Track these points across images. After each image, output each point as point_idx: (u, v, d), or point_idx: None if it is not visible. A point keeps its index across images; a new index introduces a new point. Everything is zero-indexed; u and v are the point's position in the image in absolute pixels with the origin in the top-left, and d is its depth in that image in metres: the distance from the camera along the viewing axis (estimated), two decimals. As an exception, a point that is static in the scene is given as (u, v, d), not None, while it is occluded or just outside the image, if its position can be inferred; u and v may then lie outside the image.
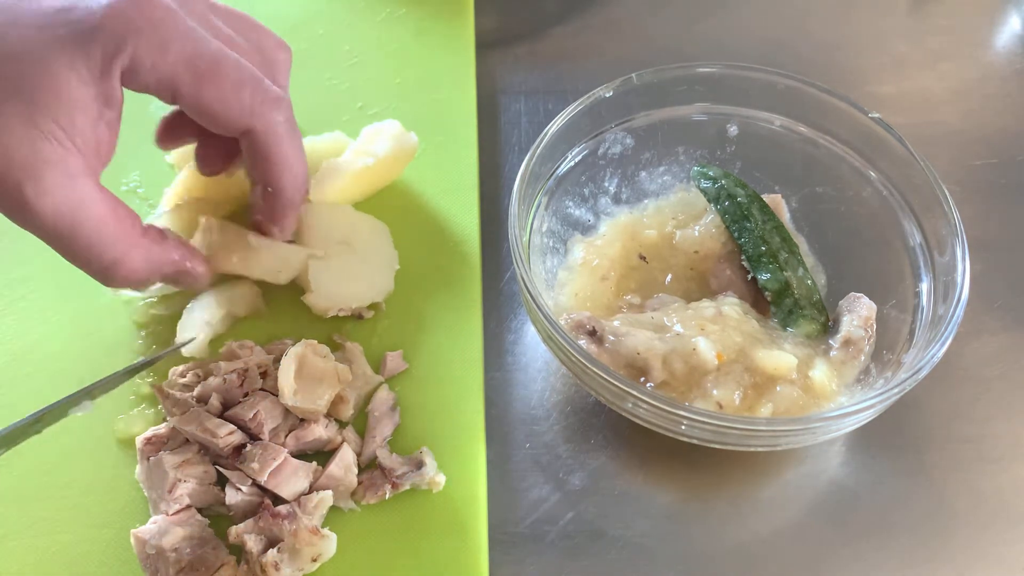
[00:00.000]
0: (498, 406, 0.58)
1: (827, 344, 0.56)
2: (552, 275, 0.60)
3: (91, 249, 0.46)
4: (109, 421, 0.56)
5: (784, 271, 0.58)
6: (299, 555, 0.48)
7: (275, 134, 0.50)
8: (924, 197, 0.57)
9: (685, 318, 0.54)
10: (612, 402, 0.51)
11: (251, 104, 0.49)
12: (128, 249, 0.48)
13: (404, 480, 0.52)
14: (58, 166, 0.44)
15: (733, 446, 0.50)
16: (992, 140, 0.73)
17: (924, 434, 0.57)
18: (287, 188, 0.53)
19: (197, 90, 0.47)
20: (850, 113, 0.60)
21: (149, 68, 0.45)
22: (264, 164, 0.52)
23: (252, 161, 0.52)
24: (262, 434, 0.52)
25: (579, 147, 0.62)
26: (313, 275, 0.59)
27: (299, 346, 0.54)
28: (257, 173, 0.52)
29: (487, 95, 0.76)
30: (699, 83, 0.63)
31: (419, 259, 0.63)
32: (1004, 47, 0.81)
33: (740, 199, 0.60)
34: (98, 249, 0.47)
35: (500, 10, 0.83)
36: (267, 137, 0.50)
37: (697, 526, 0.54)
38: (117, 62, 0.45)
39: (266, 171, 0.52)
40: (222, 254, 0.58)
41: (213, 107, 0.48)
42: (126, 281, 0.49)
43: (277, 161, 0.52)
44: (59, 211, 0.44)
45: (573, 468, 0.56)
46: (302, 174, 0.53)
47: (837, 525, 0.54)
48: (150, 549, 0.48)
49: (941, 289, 0.54)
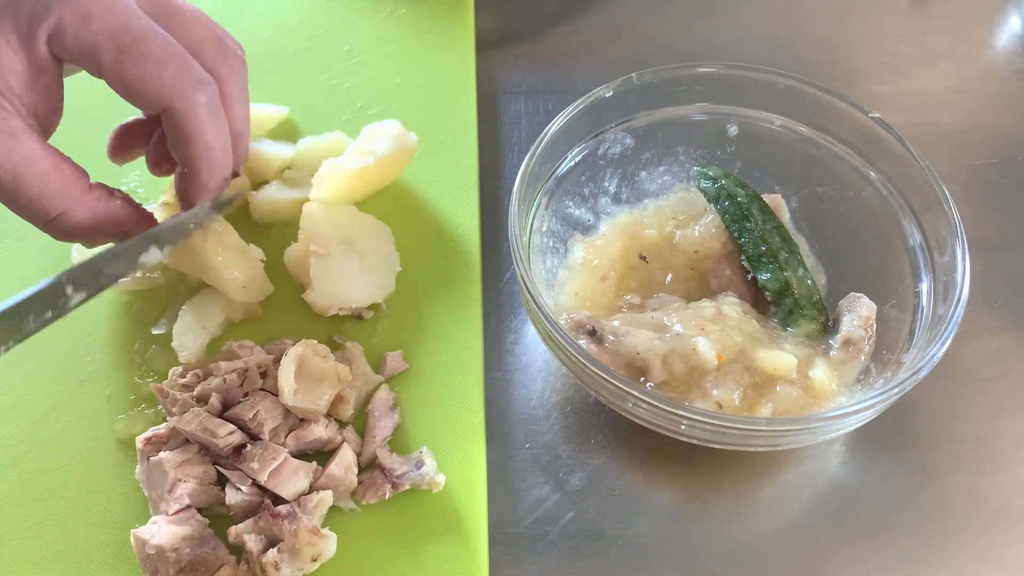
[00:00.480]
0: (498, 406, 0.58)
1: (827, 344, 0.56)
2: (552, 275, 0.60)
3: (34, 203, 0.48)
4: (109, 421, 0.56)
5: (784, 271, 0.58)
6: (299, 555, 0.48)
7: (194, 116, 0.50)
8: (924, 197, 0.57)
9: (685, 318, 0.54)
10: (612, 402, 0.51)
11: (172, 83, 0.49)
12: (74, 203, 0.49)
13: (404, 480, 0.52)
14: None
15: (733, 446, 0.50)
16: (992, 140, 0.73)
17: (924, 434, 0.57)
18: (202, 171, 0.53)
19: (118, 63, 0.48)
20: (850, 113, 0.60)
21: (72, 36, 0.47)
22: (181, 144, 0.51)
23: (171, 140, 0.52)
24: (262, 434, 0.52)
25: (579, 147, 0.62)
26: (315, 273, 0.59)
27: (299, 346, 0.54)
28: (175, 152, 0.52)
29: (487, 95, 0.76)
30: (699, 83, 0.63)
31: (419, 259, 0.63)
32: (1004, 47, 0.81)
33: (740, 199, 0.60)
34: (41, 203, 0.48)
35: (500, 10, 0.83)
36: (185, 118, 0.50)
37: (697, 526, 0.54)
38: (43, 27, 0.46)
39: (183, 151, 0.52)
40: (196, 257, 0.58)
41: (134, 83, 0.48)
42: (72, 235, 0.51)
43: (194, 143, 0.51)
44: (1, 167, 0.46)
45: (573, 468, 0.56)
46: (220, 158, 0.53)
47: (837, 525, 0.54)
48: (150, 549, 0.48)
49: (941, 289, 0.54)
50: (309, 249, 0.59)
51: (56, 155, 0.49)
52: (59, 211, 0.49)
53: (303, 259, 0.60)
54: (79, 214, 0.50)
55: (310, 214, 0.60)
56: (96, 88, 0.51)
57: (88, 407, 0.57)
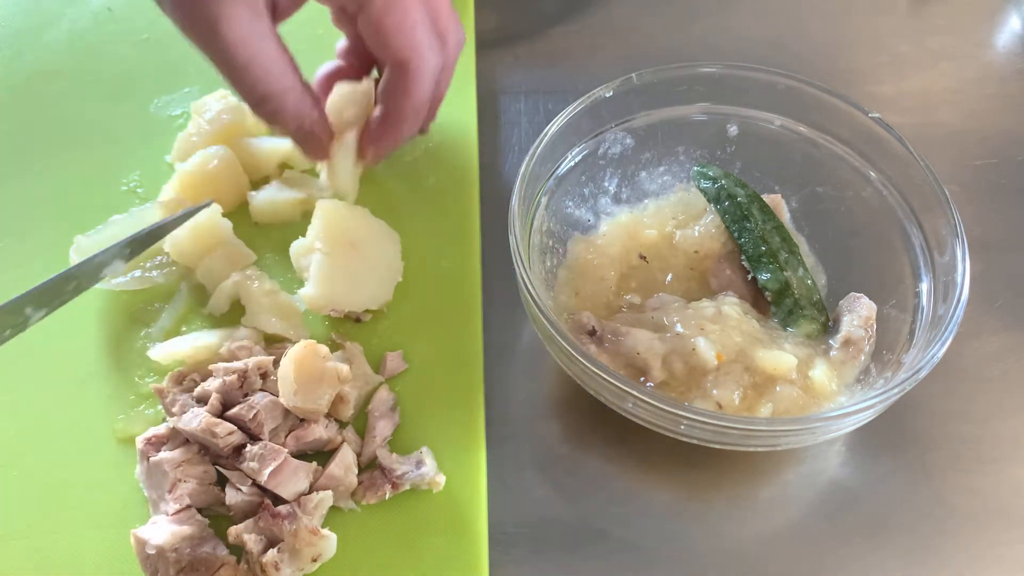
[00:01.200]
0: (498, 406, 0.58)
1: (827, 344, 0.56)
2: (552, 275, 0.60)
3: (258, 79, 0.52)
4: (109, 421, 0.56)
5: (784, 271, 0.58)
6: (299, 555, 0.48)
7: (422, 75, 0.56)
8: (924, 197, 0.57)
9: (685, 318, 0.54)
10: (612, 402, 0.51)
11: (419, 43, 0.55)
12: (287, 89, 0.54)
13: (404, 480, 0.52)
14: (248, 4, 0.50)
15: (733, 446, 0.50)
16: (992, 140, 0.73)
17: (924, 434, 0.57)
18: (406, 120, 0.58)
19: (384, 13, 0.54)
20: (850, 113, 0.60)
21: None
22: (400, 95, 0.57)
23: (391, 89, 0.57)
24: (262, 434, 0.52)
25: (579, 147, 0.62)
26: (314, 270, 0.58)
27: (299, 346, 0.53)
28: (389, 100, 0.58)
29: (487, 95, 0.76)
30: (699, 83, 0.63)
31: (419, 259, 0.63)
32: (1004, 47, 0.81)
33: (740, 199, 0.60)
34: (264, 81, 0.53)
35: (500, 10, 0.83)
36: (415, 75, 0.56)
37: (697, 526, 0.54)
38: None
39: (398, 101, 0.57)
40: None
41: (388, 32, 0.55)
42: (272, 116, 0.55)
43: (412, 96, 0.57)
44: (243, 40, 0.50)
45: (573, 468, 0.56)
46: (422, 116, 0.59)
47: (837, 525, 0.54)
48: (150, 549, 0.48)
49: (941, 289, 0.54)
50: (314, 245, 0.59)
51: (280, 41, 0.53)
52: (275, 91, 0.53)
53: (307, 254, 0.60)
54: (289, 100, 0.54)
55: (322, 210, 0.60)
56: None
57: (88, 407, 0.57)
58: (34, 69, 0.76)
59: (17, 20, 0.80)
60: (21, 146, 0.71)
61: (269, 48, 0.52)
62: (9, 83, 0.75)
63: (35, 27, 0.80)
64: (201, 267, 0.60)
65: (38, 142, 0.71)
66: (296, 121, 0.57)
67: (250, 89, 0.53)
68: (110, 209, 0.65)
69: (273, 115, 0.55)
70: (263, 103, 0.54)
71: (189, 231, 0.60)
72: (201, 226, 0.60)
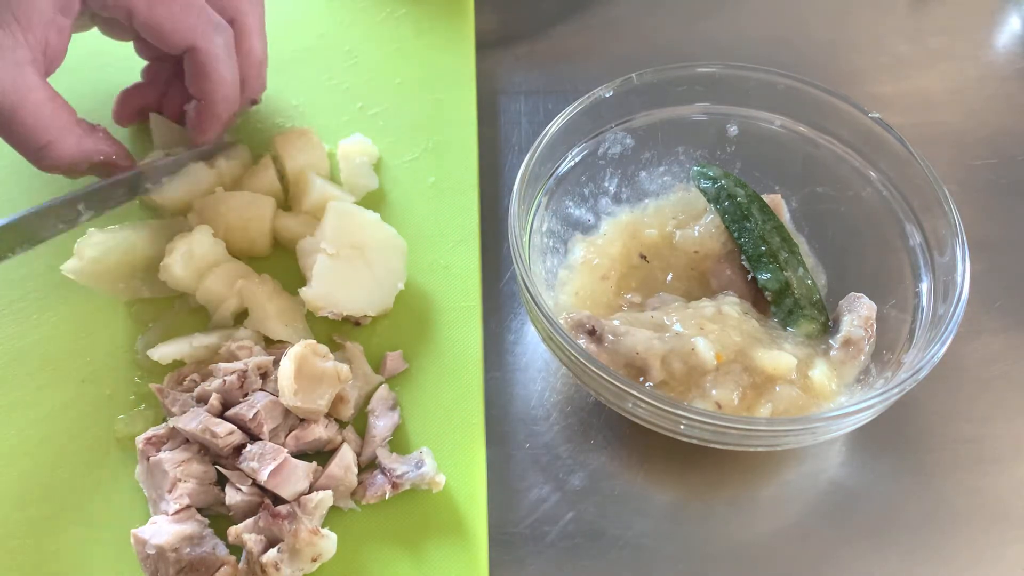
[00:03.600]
0: (498, 406, 0.58)
1: (827, 344, 0.56)
2: (552, 275, 0.60)
3: (28, 130, 0.53)
4: (109, 421, 0.56)
5: (784, 271, 0.58)
6: (299, 555, 0.48)
7: (213, 55, 0.58)
8: (924, 197, 0.57)
9: (685, 317, 0.54)
10: (612, 402, 0.51)
11: (195, 24, 0.57)
12: (62, 134, 0.54)
13: (404, 480, 0.52)
14: (7, 52, 0.50)
15: (733, 446, 0.50)
16: (992, 140, 0.73)
17: (924, 434, 0.57)
18: (218, 102, 0.60)
19: (150, 8, 0.55)
20: (850, 113, 0.60)
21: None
22: (201, 79, 0.59)
23: (191, 77, 0.59)
24: (262, 434, 0.52)
25: (579, 147, 0.62)
26: (316, 270, 0.58)
27: (299, 346, 0.53)
28: (194, 87, 0.60)
29: (487, 95, 0.76)
30: (699, 83, 0.63)
31: (419, 259, 0.63)
32: (1004, 47, 0.81)
33: (740, 199, 0.60)
34: (34, 131, 0.53)
35: (500, 10, 0.83)
36: (206, 56, 0.58)
37: (697, 526, 0.54)
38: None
39: (201, 86, 0.59)
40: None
41: (163, 24, 0.56)
42: (57, 164, 0.56)
43: (213, 78, 0.59)
44: (2, 91, 0.50)
45: (573, 468, 0.56)
46: (232, 92, 0.61)
47: (837, 525, 0.54)
48: (150, 549, 0.48)
49: (941, 289, 0.54)
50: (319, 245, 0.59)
51: (51, 89, 0.54)
52: (49, 140, 0.54)
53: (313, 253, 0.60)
54: (67, 144, 0.55)
55: (333, 212, 0.60)
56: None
57: (88, 407, 0.56)
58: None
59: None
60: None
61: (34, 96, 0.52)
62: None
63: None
64: (200, 290, 0.60)
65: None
66: (82, 163, 0.57)
67: (23, 143, 0.53)
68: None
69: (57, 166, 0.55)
70: (40, 154, 0.54)
71: (183, 258, 0.58)
72: (195, 252, 0.59)
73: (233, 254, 0.61)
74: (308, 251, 0.60)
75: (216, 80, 0.59)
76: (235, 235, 0.62)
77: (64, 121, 0.54)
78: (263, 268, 0.61)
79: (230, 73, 0.60)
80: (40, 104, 0.52)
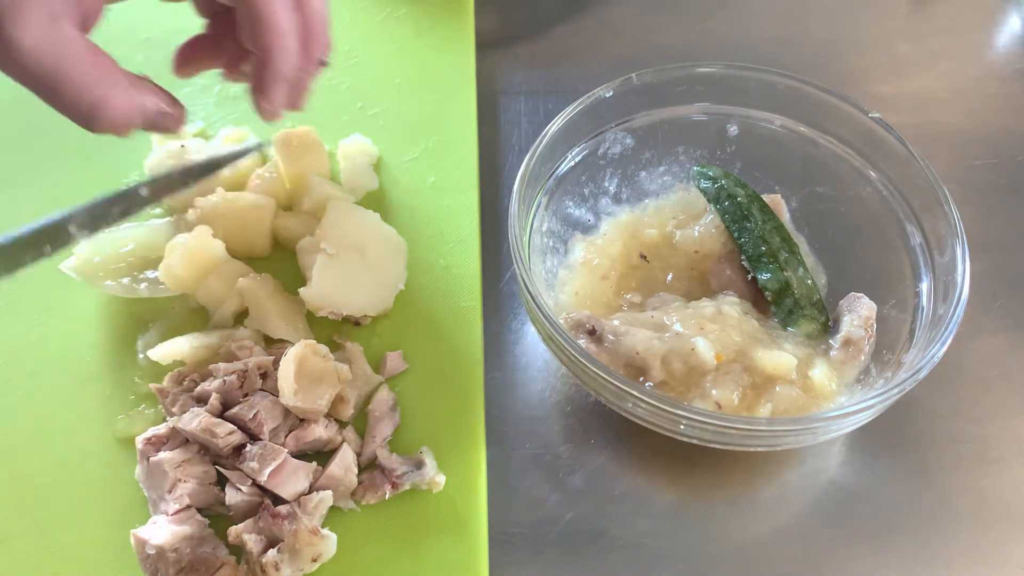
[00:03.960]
0: (498, 406, 0.58)
1: (827, 344, 0.56)
2: (552, 275, 0.60)
3: (73, 88, 0.47)
4: (109, 421, 0.56)
5: (784, 271, 0.58)
6: (299, 555, 0.48)
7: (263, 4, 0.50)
8: (924, 197, 0.57)
9: (684, 317, 0.54)
10: (612, 402, 0.51)
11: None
12: (110, 88, 0.49)
13: (404, 480, 0.52)
14: (41, 5, 0.45)
15: (733, 446, 0.50)
16: (992, 140, 0.73)
17: (924, 434, 0.57)
18: (275, 55, 0.52)
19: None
20: (850, 113, 0.60)
21: None
22: (255, 29, 0.51)
23: (244, 29, 0.52)
24: (262, 434, 0.52)
25: (579, 147, 0.62)
26: (317, 270, 0.58)
27: (299, 346, 0.54)
28: (249, 40, 0.52)
29: (487, 95, 0.76)
30: (699, 83, 0.63)
31: (419, 259, 0.63)
32: (1004, 47, 0.81)
33: (740, 199, 0.60)
34: (80, 88, 0.47)
35: (500, 10, 0.83)
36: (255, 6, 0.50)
37: (697, 526, 0.54)
38: None
39: (256, 37, 0.51)
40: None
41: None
42: (110, 123, 0.50)
43: (267, 26, 0.51)
44: (41, 47, 0.45)
45: (573, 468, 0.56)
46: (291, 43, 0.52)
47: (837, 525, 0.54)
48: (150, 549, 0.48)
49: (941, 289, 0.54)
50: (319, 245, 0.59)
51: (90, 42, 0.48)
52: (99, 96, 0.48)
53: (313, 253, 0.60)
54: (119, 98, 0.49)
55: (334, 210, 0.60)
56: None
57: (88, 407, 0.56)
58: (34, 69, 0.76)
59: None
60: (21, 146, 0.71)
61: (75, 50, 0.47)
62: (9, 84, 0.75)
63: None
64: (200, 290, 0.60)
65: (38, 143, 0.71)
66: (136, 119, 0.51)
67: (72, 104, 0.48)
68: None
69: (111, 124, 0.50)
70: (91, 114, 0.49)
71: (182, 258, 0.58)
72: (194, 252, 0.59)
73: (233, 254, 0.61)
74: (308, 251, 0.60)
75: (274, 29, 0.51)
76: (235, 235, 0.61)
77: (111, 74, 0.49)
78: (263, 268, 0.61)
79: (287, 20, 0.52)
80: (82, 59, 0.47)
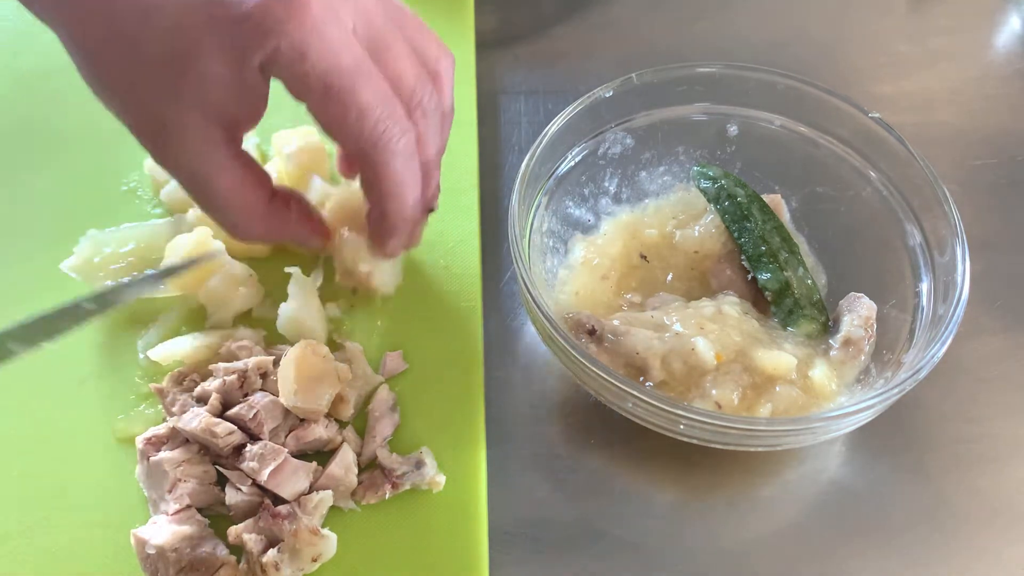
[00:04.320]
0: (498, 406, 0.58)
1: (827, 344, 0.56)
2: (552, 275, 0.60)
3: (218, 211, 0.51)
4: (109, 421, 0.56)
5: (784, 271, 0.58)
6: (299, 555, 0.48)
7: (387, 164, 0.50)
8: (924, 197, 0.57)
9: (684, 317, 0.54)
10: (612, 402, 0.51)
11: (371, 134, 0.48)
12: (251, 218, 0.52)
13: (404, 480, 0.52)
14: (197, 132, 0.47)
15: (733, 446, 0.50)
16: (992, 140, 0.73)
17: (924, 434, 0.57)
18: (391, 214, 0.53)
19: (323, 105, 0.47)
20: (850, 113, 0.60)
21: (285, 68, 0.46)
22: (372, 187, 0.52)
23: (363, 181, 0.53)
24: (262, 434, 0.52)
25: (579, 147, 0.62)
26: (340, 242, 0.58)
27: (299, 346, 0.54)
28: (367, 193, 0.53)
29: (487, 95, 0.76)
30: (699, 83, 0.63)
31: (419, 259, 0.63)
32: (1004, 47, 0.81)
33: (740, 199, 0.60)
34: (223, 213, 0.51)
35: (500, 10, 0.83)
36: (379, 165, 0.50)
37: (697, 526, 0.54)
38: (257, 55, 0.45)
39: (374, 195, 0.52)
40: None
41: (332, 125, 0.48)
42: (247, 241, 0.54)
43: (385, 189, 0.51)
44: (194, 173, 0.49)
45: (573, 468, 0.56)
46: (408, 204, 0.52)
47: (837, 525, 0.54)
48: (150, 549, 0.48)
49: (941, 289, 0.54)
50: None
51: (242, 167, 0.50)
52: (234, 223, 0.52)
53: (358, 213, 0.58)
54: (256, 228, 0.52)
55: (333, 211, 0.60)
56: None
57: (88, 407, 0.56)
58: (33, 69, 0.76)
59: (17, 20, 0.80)
60: (20, 146, 0.71)
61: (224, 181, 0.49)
62: (9, 83, 0.75)
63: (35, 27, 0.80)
64: (201, 290, 0.59)
65: (37, 142, 0.71)
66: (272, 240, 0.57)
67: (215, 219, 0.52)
68: (110, 209, 0.65)
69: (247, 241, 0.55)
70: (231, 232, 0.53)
71: (182, 259, 0.58)
72: (194, 253, 0.59)
73: (233, 254, 0.61)
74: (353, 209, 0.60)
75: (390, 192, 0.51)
76: None
77: (255, 205, 0.51)
78: (263, 268, 0.61)
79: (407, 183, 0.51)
80: (230, 189, 0.50)
